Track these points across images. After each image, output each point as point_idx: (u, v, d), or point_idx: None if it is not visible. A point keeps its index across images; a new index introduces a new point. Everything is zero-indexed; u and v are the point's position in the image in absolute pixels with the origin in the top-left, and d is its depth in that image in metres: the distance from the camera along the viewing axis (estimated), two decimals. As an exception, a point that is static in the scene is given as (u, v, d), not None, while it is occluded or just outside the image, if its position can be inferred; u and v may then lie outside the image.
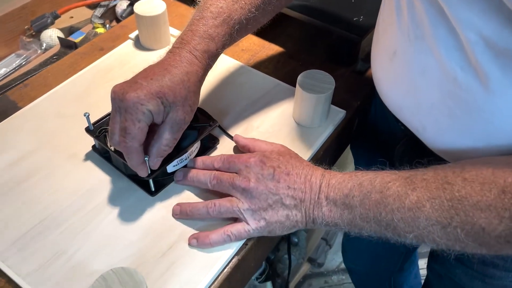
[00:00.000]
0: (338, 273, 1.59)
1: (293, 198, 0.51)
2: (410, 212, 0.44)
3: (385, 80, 0.58)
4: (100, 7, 0.94)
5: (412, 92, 0.53)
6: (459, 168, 0.44)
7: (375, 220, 0.47)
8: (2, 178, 0.58)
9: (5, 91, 0.74)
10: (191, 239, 0.53)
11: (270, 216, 0.52)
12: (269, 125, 0.66)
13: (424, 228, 0.44)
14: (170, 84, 0.50)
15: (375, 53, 0.61)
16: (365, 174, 0.50)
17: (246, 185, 0.51)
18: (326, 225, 0.51)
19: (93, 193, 0.57)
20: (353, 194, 0.49)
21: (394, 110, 0.59)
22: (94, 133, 0.58)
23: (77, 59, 0.77)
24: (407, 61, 0.52)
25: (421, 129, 0.54)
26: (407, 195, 0.45)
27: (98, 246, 0.52)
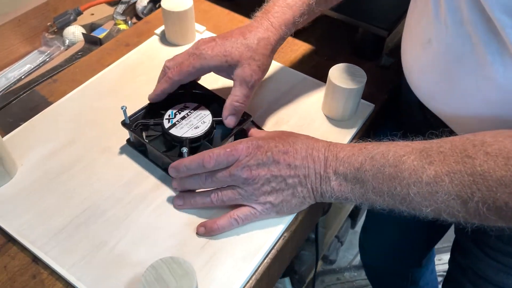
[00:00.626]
0: (350, 270, 1.59)
1: (296, 176, 0.51)
2: (427, 187, 0.44)
3: (417, 69, 0.58)
4: (122, 4, 0.95)
5: (445, 80, 0.52)
6: (479, 141, 0.43)
7: (389, 194, 0.47)
8: (40, 171, 0.59)
9: (34, 86, 0.74)
10: (199, 228, 0.53)
11: (275, 198, 0.52)
12: (298, 119, 0.67)
13: (442, 202, 0.43)
14: (239, 46, 0.58)
15: (407, 43, 0.61)
16: (376, 146, 0.49)
17: (247, 174, 0.51)
18: (336, 199, 0.51)
19: (131, 184, 0.58)
20: (365, 168, 0.48)
21: (425, 99, 0.58)
22: (131, 127, 0.59)
23: (104, 54, 0.77)
24: (442, 48, 0.51)
25: (454, 117, 0.54)
26: (424, 169, 0.44)
27: (139, 237, 0.53)
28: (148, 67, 0.74)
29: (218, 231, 0.52)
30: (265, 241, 0.53)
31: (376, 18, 0.72)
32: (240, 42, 0.58)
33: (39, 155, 0.60)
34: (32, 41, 0.89)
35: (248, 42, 0.58)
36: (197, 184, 0.53)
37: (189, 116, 0.60)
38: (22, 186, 0.57)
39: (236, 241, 0.53)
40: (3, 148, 0.56)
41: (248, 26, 0.60)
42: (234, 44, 0.58)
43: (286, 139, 0.53)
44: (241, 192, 0.52)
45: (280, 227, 0.54)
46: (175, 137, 0.57)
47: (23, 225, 0.53)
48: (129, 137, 0.61)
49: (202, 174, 0.52)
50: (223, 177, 0.51)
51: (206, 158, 0.51)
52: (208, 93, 0.65)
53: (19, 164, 0.59)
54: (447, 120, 0.57)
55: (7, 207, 0.55)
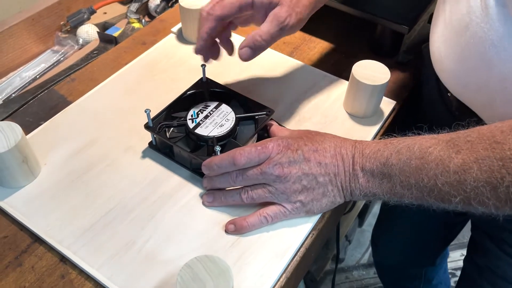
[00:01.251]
0: (358, 268, 1.59)
1: (327, 174, 0.51)
2: (455, 175, 0.43)
3: (451, 58, 0.56)
4: (135, 2, 0.94)
5: (482, 66, 0.51)
6: (508, 127, 0.42)
7: (417, 187, 0.46)
8: (64, 170, 0.58)
9: (51, 86, 0.73)
10: (228, 225, 0.53)
11: (306, 197, 0.52)
12: (321, 116, 0.66)
13: (472, 190, 0.42)
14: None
15: (438, 33, 0.59)
16: (402, 141, 0.49)
17: (279, 172, 0.50)
18: (364, 196, 0.51)
19: (156, 183, 0.57)
20: (391, 162, 0.48)
21: (457, 88, 0.58)
22: (155, 130, 0.58)
23: (121, 53, 0.77)
24: (480, 32, 0.50)
25: (488, 105, 0.53)
26: (451, 159, 0.44)
27: (167, 236, 0.52)
28: (166, 65, 0.73)
29: (248, 228, 0.52)
30: (294, 239, 0.53)
31: (396, 14, 0.72)
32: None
33: (62, 154, 0.60)
34: (45, 40, 0.88)
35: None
36: (227, 182, 0.53)
37: (212, 114, 0.60)
38: (46, 186, 0.56)
39: (266, 239, 0.53)
40: (27, 146, 0.55)
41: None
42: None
43: (313, 138, 0.53)
44: (272, 190, 0.51)
45: (308, 225, 0.54)
46: (201, 136, 0.57)
47: (49, 225, 0.53)
48: (151, 140, 0.61)
49: (233, 172, 0.52)
50: (254, 175, 0.51)
51: (237, 156, 0.50)
52: (226, 91, 0.64)
53: (42, 163, 0.59)
54: (479, 109, 0.56)
55: (32, 206, 0.54)
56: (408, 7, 0.74)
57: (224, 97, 0.63)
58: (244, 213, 0.54)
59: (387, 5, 0.74)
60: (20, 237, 0.53)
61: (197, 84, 0.65)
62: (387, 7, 0.74)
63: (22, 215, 0.54)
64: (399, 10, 0.73)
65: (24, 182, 0.56)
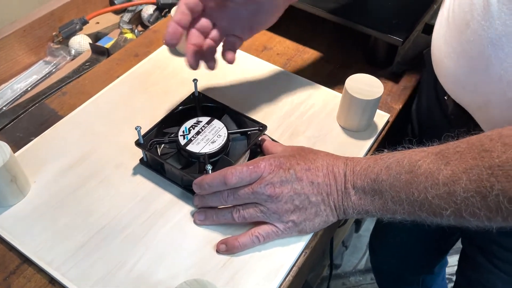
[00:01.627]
0: (355, 274, 1.59)
1: (319, 194, 0.51)
2: (445, 187, 0.42)
3: (450, 57, 0.56)
4: (128, 12, 0.94)
5: (480, 64, 0.51)
6: (497, 135, 0.42)
7: (408, 201, 0.46)
8: (54, 187, 0.57)
9: (42, 99, 0.73)
10: (220, 245, 0.52)
11: (298, 217, 0.51)
12: (314, 130, 0.66)
13: (462, 201, 0.42)
14: None
15: (440, 33, 0.59)
16: (391, 155, 0.48)
17: (271, 192, 0.50)
18: (358, 214, 0.50)
19: (147, 201, 0.56)
20: (381, 178, 0.47)
21: (455, 89, 0.57)
22: (146, 147, 0.57)
23: (113, 65, 0.76)
24: (480, 30, 0.50)
25: (484, 106, 0.53)
26: (440, 171, 0.43)
27: (158, 256, 0.52)
28: (159, 77, 0.73)
29: (240, 248, 0.51)
30: (286, 259, 0.52)
31: (390, 26, 0.71)
32: None
33: (53, 171, 0.59)
34: (37, 51, 0.87)
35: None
36: (218, 201, 0.52)
37: (203, 130, 0.59)
38: (36, 204, 0.56)
39: (257, 259, 0.52)
40: (16, 165, 0.54)
41: None
42: None
43: (306, 156, 0.53)
44: (263, 209, 0.51)
45: (301, 244, 0.53)
46: (193, 153, 0.56)
47: (39, 245, 0.52)
48: (143, 156, 0.60)
49: (224, 191, 0.51)
50: (245, 194, 0.50)
51: (228, 175, 0.50)
52: (218, 106, 0.64)
53: (32, 181, 0.58)
54: (475, 112, 0.56)
55: (21, 226, 0.54)
56: (402, 18, 0.73)
57: (216, 112, 0.63)
58: (236, 231, 0.54)
59: (381, 17, 0.74)
60: (9, 257, 0.52)
61: (189, 99, 0.64)
62: (381, 18, 0.73)
63: (11, 235, 0.53)
64: (393, 21, 0.73)
65: (13, 201, 0.55)
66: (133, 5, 0.94)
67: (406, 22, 0.73)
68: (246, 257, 0.52)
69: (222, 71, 0.73)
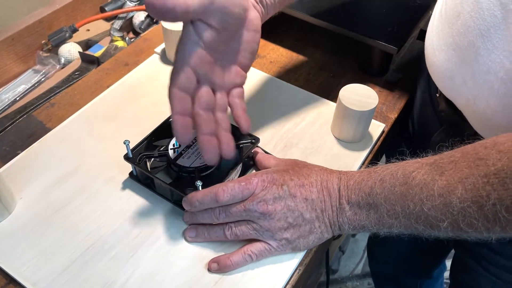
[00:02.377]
0: (352, 279, 1.58)
1: (313, 210, 0.49)
2: (440, 198, 0.41)
3: (441, 49, 0.56)
4: (118, 20, 0.92)
5: (468, 56, 0.50)
6: (491, 143, 0.41)
7: (404, 214, 0.44)
8: (41, 204, 0.56)
9: (30, 111, 0.71)
10: (211, 264, 0.51)
11: (292, 234, 0.50)
12: (308, 141, 0.64)
13: (459, 212, 0.40)
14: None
15: (433, 25, 0.59)
16: (385, 168, 0.47)
17: (264, 209, 0.48)
18: (353, 229, 0.49)
19: (136, 218, 0.55)
20: (376, 191, 0.46)
21: (444, 82, 0.57)
22: (135, 161, 0.56)
23: (103, 75, 0.75)
24: (469, 21, 0.49)
25: (471, 100, 0.52)
26: (435, 181, 0.42)
27: (148, 274, 0.50)
28: (149, 88, 0.71)
29: (232, 267, 0.50)
30: (280, 277, 0.51)
31: (385, 34, 0.70)
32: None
33: (39, 187, 0.58)
34: (26, 60, 0.86)
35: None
36: (209, 218, 0.51)
37: (194, 144, 0.57)
38: (22, 222, 0.54)
39: (250, 277, 0.51)
40: (1, 182, 0.53)
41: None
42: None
43: (300, 171, 0.51)
44: (256, 227, 0.49)
45: (294, 262, 0.52)
46: (183, 167, 0.55)
47: (24, 264, 0.51)
48: (132, 170, 0.58)
49: (216, 208, 0.50)
50: (237, 211, 0.49)
51: (219, 193, 0.48)
52: None
53: (18, 197, 0.56)
54: (463, 106, 0.55)
55: (6, 245, 0.52)
56: (397, 26, 0.72)
57: None
58: (228, 249, 0.52)
59: (376, 24, 0.72)
60: (-6, 278, 0.51)
61: (180, 110, 0.62)
62: (375, 26, 0.72)
63: (-4, 254, 0.51)
64: (388, 28, 0.71)
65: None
66: (124, 12, 0.93)
67: (401, 29, 0.72)
68: (238, 276, 0.51)
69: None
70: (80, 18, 0.92)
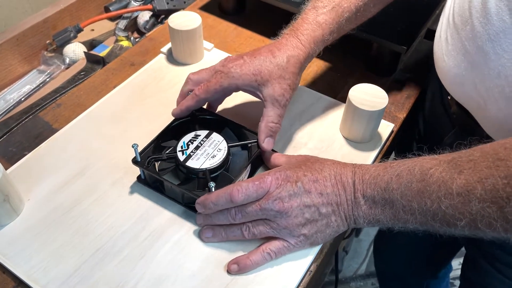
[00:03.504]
0: (356, 279, 1.57)
1: (329, 205, 0.49)
2: (459, 197, 0.41)
3: (450, 54, 0.56)
4: (123, 19, 0.92)
5: (478, 61, 0.50)
6: (511, 144, 0.40)
7: (420, 211, 0.44)
8: (49, 206, 0.55)
9: (36, 111, 0.71)
10: (231, 265, 0.50)
11: (309, 230, 0.50)
12: (317, 141, 0.64)
13: (477, 212, 0.40)
14: (269, 65, 0.56)
15: (441, 31, 0.59)
16: (402, 163, 0.47)
17: (280, 207, 0.48)
18: (368, 223, 0.49)
19: (145, 220, 0.54)
20: (392, 187, 0.46)
21: (455, 87, 0.56)
22: (143, 164, 0.55)
23: (109, 75, 0.74)
24: (479, 26, 0.49)
25: (482, 104, 0.52)
26: (453, 180, 0.41)
27: (158, 278, 0.50)
28: (155, 88, 0.70)
29: (252, 267, 0.50)
30: (291, 279, 0.50)
31: (394, 34, 0.70)
32: (269, 61, 0.56)
33: (47, 188, 0.57)
34: (30, 60, 0.85)
35: (278, 60, 0.56)
36: (226, 219, 0.51)
37: (203, 145, 0.57)
38: (30, 224, 0.54)
39: (262, 278, 0.50)
40: (8, 183, 0.52)
41: (276, 44, 0.58)
42: (263, 63, 0.56)
43: (312, 166, 0.51)
44: (274, 225, 0.49)
45: (305, 263, 0.51)
46: (193, 169, 0.54)
47: (33, 267, 0.50)
48: (140, 173, 0.58)
49: (232, 208, 0.50)
50: (253, 211, 0.49)
51: (234, 193, 0.48)
52: (217, 118, 0.62)
53: (25, 199, 0.56)
54: (474, 110, 0.55)
55: (15, 247, 0.52)
56: (405, 25, 0.71)
57: (214, 124, 0.61)
58: (236, 246, 0.52)
59: (384, 24, 0.72)
60: (3, 280, 0.50)
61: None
62: (383, 25, 0.71)
63: (4, 257, 0.51)
64: (396, 28, 0.71)
65: (6, 220, 0.53)
66: (128, 12, 0.92)
67: (409, 28, 0.71)
68: (250, 277, 0.50)
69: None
70: (85, 18, 0.91)
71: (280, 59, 0.56)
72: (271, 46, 0.58)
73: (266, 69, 0.56)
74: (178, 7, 0.91)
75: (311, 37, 0.58)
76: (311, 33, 0.58)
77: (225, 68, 0.56)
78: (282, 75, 0.56)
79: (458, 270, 1.54)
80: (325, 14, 0.59)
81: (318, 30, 0.58)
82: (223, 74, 0.56)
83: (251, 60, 0.56)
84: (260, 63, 0.56)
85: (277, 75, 0.56)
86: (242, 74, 0.56)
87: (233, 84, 0.56)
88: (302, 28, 0.58)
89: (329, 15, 0.59)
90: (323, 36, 0.59)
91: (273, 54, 0.56)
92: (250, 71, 0.56)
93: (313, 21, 0.58)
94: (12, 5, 0.90)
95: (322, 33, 0.59)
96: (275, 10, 0.78)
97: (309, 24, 0.58)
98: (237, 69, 0.56)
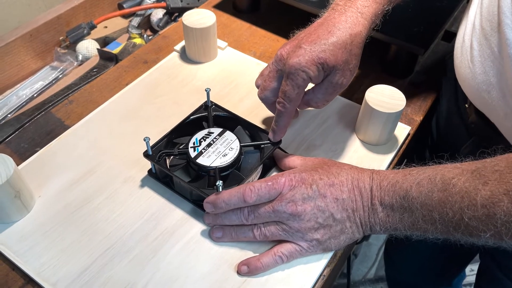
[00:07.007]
0: (365, 284, 1.55)
1: (344, 210, 0.48)
2: (483, 209, 0.39)
3: (477, 61, 0.53)
4: (136, 17, 0.91)
5: (509, 70, 0.48)
6: None
7: (441, 222, 0.42)
8: (60, 203, 0.55)
9: (48, 108, 0.70)
10: (241, 266, 0.49)
11: (322, 235, 0.48)
12: (331, 143, 0.63)
13: (503, 225, 0.38)
14: (333, 48, 0.49)
15: (465, 38, 0.57)
16: (422, 171, 0.45)
17: (293, 210, 0.47)
18: (385, 231, 0.48)
19: (156, 219, 0.54)
20: (412, 195, 0.44)
21: (479, 96, 0.54)
22: (154, 158, 0.55)
23: (121, 72, 0.74)
24: (508, 34, 0.47)
25: (510, 114, 0.50)
26: (477, 191, 0.40)
27: (169, 278, 0.49)
28: (168, 86, 0.70)
29: (262, 269, 0.49)
30: (304, 283, 0.49)
31: (411, 35, 0.68)
32: (331, 43, 0.49)
33: (58, 185, 0.56)
34: (43, 56, 0.85)
35: (340, 41, 0.49)
36: (238, 219, 0.49)
37: (215, 142, 0.56)
38: (41, 221, 0.53)
39: (274, 282, 0.49)
40: (20, 179, 0.52)
41: (334, 20, 0.51)
42: (325, 47, 0.49)
43: (329, 170, 0.50)
44: (286, 228, 0.48)
45: (319, 267, 0.50)
46: (203, 166, 0.53)
47: (43, 265, 0.49)
48: (151, 167, 0.57)
49: (244, 208, 0.49)
50: (265, 212, 0.48)
51: (247, 192, 0.47)
52: (232, 116, 0.61)
53: (36, 195, 0.55)
54: (499, 120, 0.53)
55: (25, 244, 0.51)
56: (423, 26, 0.70)
57: (228, 123, 0.60)
58: (248, 247, 0.51)
59: (402, 25, 0.70)
60: (12, 277, 0.50)
61: (201, 108, 0.61)
62: (401, 26, 0.70)
63: (14, 254, 0.50)
64: (413, 29, 0.69)
65: (17, 217, 0.53)
66: (142, 9, 0.91)
67: (427, 30, 0.70)
68: (262, 280, 0.49)
69: (234, 81, 0.70)
70: (98, 14, 0.91)
71: (343, 38, 0.50)
72: (328, 25, 0.50)
73: (331, 55, 0.49)
74: (191, 5, 0.90)
75: (372, 9, 0.52)
76: (372, 4, 0.52)
77: (289, 66, 0.50)
78: (347, 60, 0.50)
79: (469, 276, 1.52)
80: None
81: (378, 0, 0.52)
82: (291, 75, 0.50)
83: (311, 47, 0.49)
84: (321, 48, 0.49)
85: (342, 60, 0.50)
86: (307, 66, 0.49)
87: (307, 80, 0.51)
88: (361, 0, 0.52)
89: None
90: (383, 6, 0.53)
91: (334, 35, 0.50)
92: (313, 60, 0.49)
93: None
94: (26, 2, 0.90)
95: (382, 3, 0.53)
96: (290, 9, 0.77)
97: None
98: (302, 62, 0.49)
